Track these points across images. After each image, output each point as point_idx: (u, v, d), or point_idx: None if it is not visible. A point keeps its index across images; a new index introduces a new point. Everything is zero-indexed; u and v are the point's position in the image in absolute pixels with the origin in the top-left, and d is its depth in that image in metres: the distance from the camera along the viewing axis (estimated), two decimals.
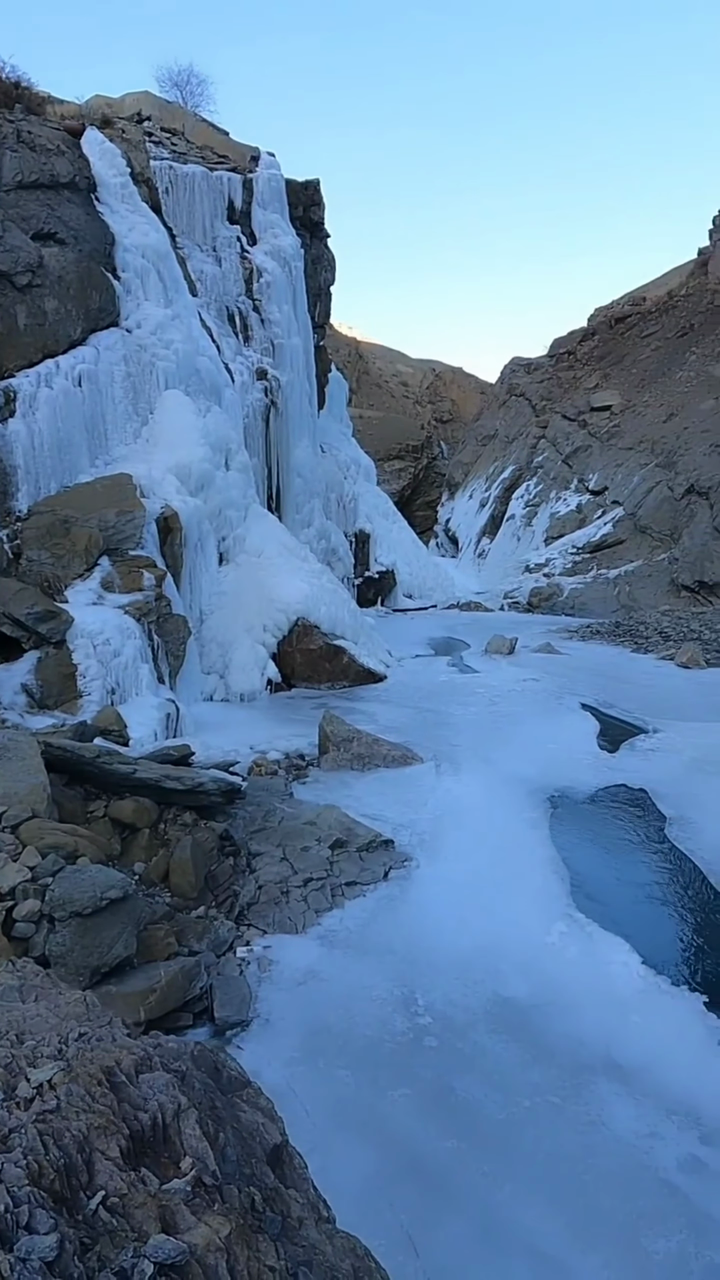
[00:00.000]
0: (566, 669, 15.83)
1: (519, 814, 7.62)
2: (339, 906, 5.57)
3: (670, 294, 44.11)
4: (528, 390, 46.13)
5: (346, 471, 25.16)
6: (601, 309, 50.12)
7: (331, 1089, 3.76)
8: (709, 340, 36.33)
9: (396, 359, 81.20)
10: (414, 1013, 4.37)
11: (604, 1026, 4.28)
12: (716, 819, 7.39)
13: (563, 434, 39.75)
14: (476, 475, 46.56)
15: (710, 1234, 3.02)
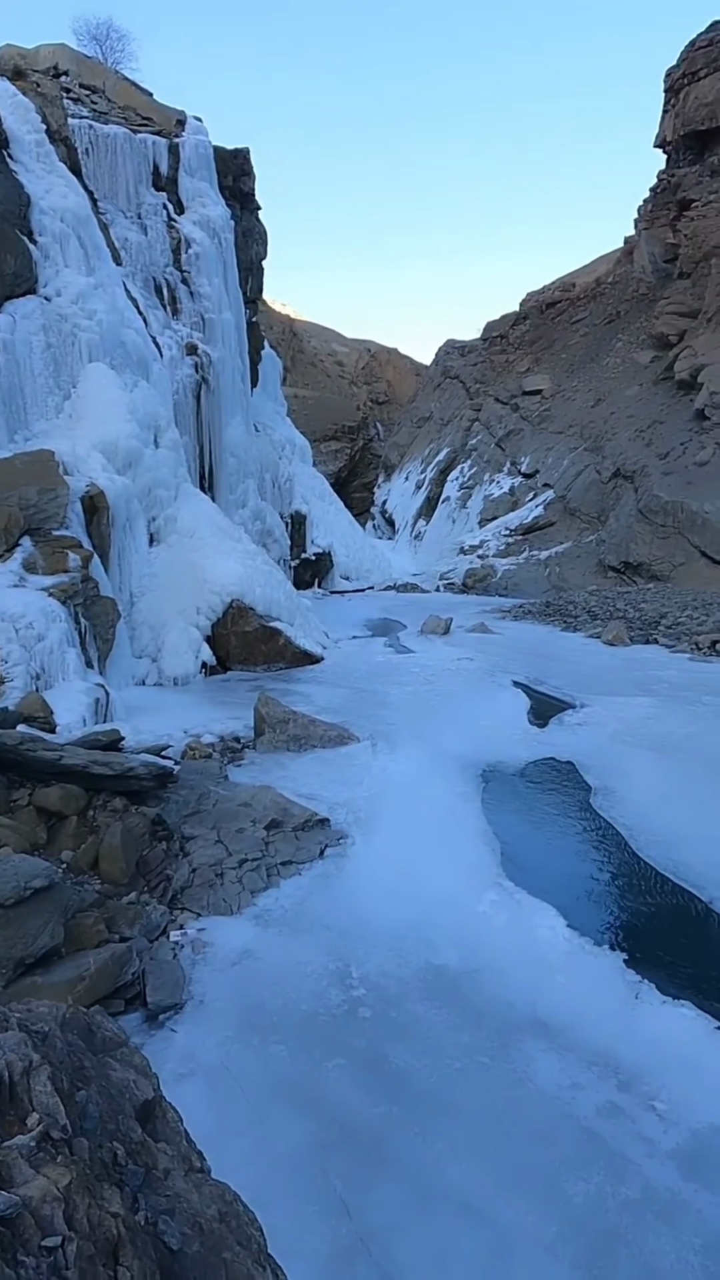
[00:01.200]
0: (499, 648, 16.21)
1: (452, 789, 7.79)
2: (274, 886, 5.57)
3: (598, 281, 45.13)
4: (462, 373, 46.52)
5: (281, 452, 24.82)
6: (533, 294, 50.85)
7: (267, 1064, 3.78)
8: (634, 328, 37.42)
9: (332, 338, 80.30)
10: (348, 985, 4.44)
11: (531, 988, 4.45)
12: (637, 788, 7.75)
13: (496, 417, 40.33)
14: (412, 457, 46.79)
15: (626, 1173, 3.21)
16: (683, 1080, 3.77)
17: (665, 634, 16.90)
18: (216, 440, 18.51)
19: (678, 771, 8.13)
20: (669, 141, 38.82)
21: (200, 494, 15.50)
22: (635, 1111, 3.56)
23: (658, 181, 39.40)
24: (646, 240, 39.39)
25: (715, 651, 14.95)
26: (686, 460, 26.04)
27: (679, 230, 35.41)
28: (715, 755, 8.65)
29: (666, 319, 34.01)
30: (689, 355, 29.99)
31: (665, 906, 5.71)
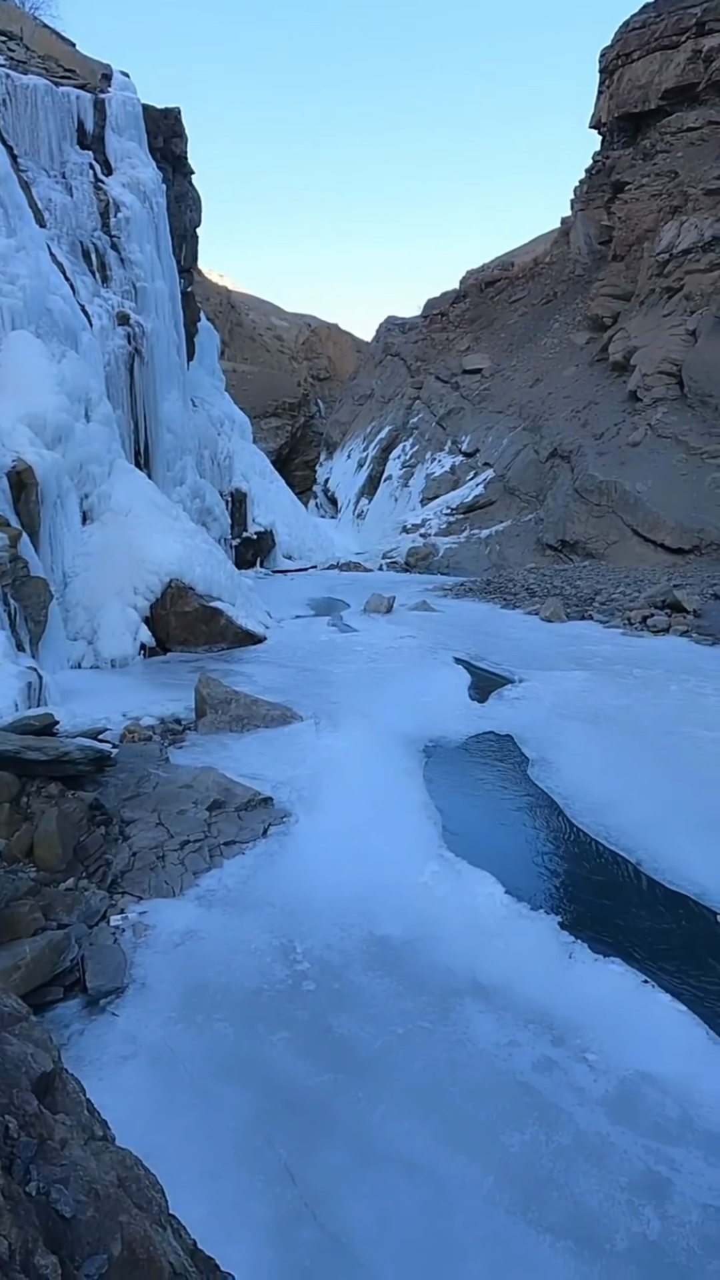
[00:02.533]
0: (441, 625, 16.42)
1: (395, 764, 7.89)
2: (217, 866, 5.54)
3: (536, 261, 45.53)
4: (403, 350, 46.37)
5: (220, 428, 24.28)
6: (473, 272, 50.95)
7: (211, 1041, 3.79)
8: (571, 309, 37.99)
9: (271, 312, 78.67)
10: (292, 960, 4.47)
11: (470, 954, 4.58)
12: (572, 758, 8.02)
13: (437, 395, 40.45)
14: (354, 435, 46.54)
15: (559, 1122, 3.37)
16: (612, 1032, 3.97)
17: (600, 610, 17.45)
18: (152, 415, 17.94)
19: (610, 742, 8.45)
20: (603, 123, 39.28)
21: (136, 470, 15.03)
22: (568, 1064, 3.73)
23: (593, 163, 39.88)
24: (582, 222, 39.93)
25: (646, 626, 15.53)
26: (620, 441, 26.76)
27: (613, 213, 36.00)
28: (645, 725, 9.02)
29: (601, 301, 34.66)
30: (622, 338, 30.68)
31: (597, 870, 5.96)
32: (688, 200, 30.16)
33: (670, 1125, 3.38)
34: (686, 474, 23.66)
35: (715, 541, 21.40)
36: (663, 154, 33.73)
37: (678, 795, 6.90)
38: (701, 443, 24.08)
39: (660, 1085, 3.60)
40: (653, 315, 29.77)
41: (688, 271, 28.37)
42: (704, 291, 27.22)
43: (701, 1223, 2.92)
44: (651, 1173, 3.14)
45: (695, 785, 7.07)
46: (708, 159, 31.29)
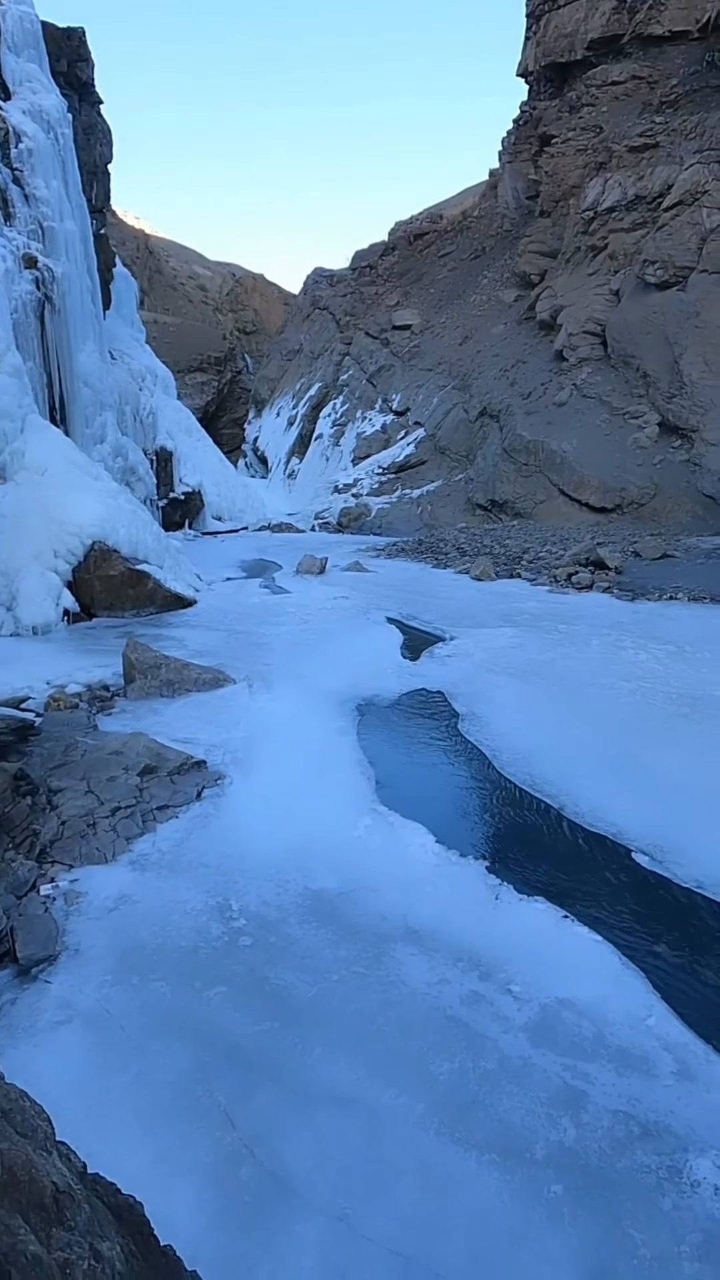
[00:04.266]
0: (374, 585, 16.50)
1: (329, 724, 7.96)
2: (150, 831, 5.51)
3: (465, 214, 44.91)
4: (331, 304, 45.22)
5: (142, 382, 23.21)
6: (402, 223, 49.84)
7: (148, 1001, 3.82)
8: (499, 265, 37.81)
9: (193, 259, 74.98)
10: (229, 918, 4.53)
11: (402, 901, 4.75)
12: (500, 711, 8.29)
13: (366, 352, 39.79)
14: (283, 392, 45.42)
15: (484, 1049, 3.58)
16: (535, 964, 4.22)
17: (527, 568, 17.89)
18: (66, 367, 16.95)
19: (536, 695, 8.77)
20: (530, 72, 38.65)
21: (51, 427, 14.25)
22: (494, 996, 3.95)
23: (520, 114, 39.33)
24: (510, 175, 39.52)
25: (571, 583, 16.05)
26: (547, 400, 27.11)
27: (540, 167, 35.73)
28: (568, 678, 9.40)
29: (528, 258, 34.61)
30: (549, 296, 30.83)
31: (522, 816, 6.25)
32: (612, 157, 30.23)
33: (586, 1044, 3.65)
34: (610, 434, 24.27)
35: (636, 500, 22.16)
36: (588, 107, 33.57)
37: (596, 743, 7.26)
38: (624, 403, 24.68)
39: (577, 1009, 3.87)
40: (578, 274, 29.99)
41: (611, 230, 28.60)
42: (627, 251, 27.55)
43: (611, 1127, 3.18)
44: (568, 1087, 3.39)
45: (612, 733, 7.44)
46: (631, 115, 31.35)
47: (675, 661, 10.17)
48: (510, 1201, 2.86)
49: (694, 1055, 3.61)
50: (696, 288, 23.31)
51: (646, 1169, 3.00)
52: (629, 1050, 3.61)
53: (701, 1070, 3.52)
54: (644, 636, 11.49)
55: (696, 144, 25.96)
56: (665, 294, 24.39)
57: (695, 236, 23.90)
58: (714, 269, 22.90)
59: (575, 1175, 2.96)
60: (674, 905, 4.95)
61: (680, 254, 24.08)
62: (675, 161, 26.44)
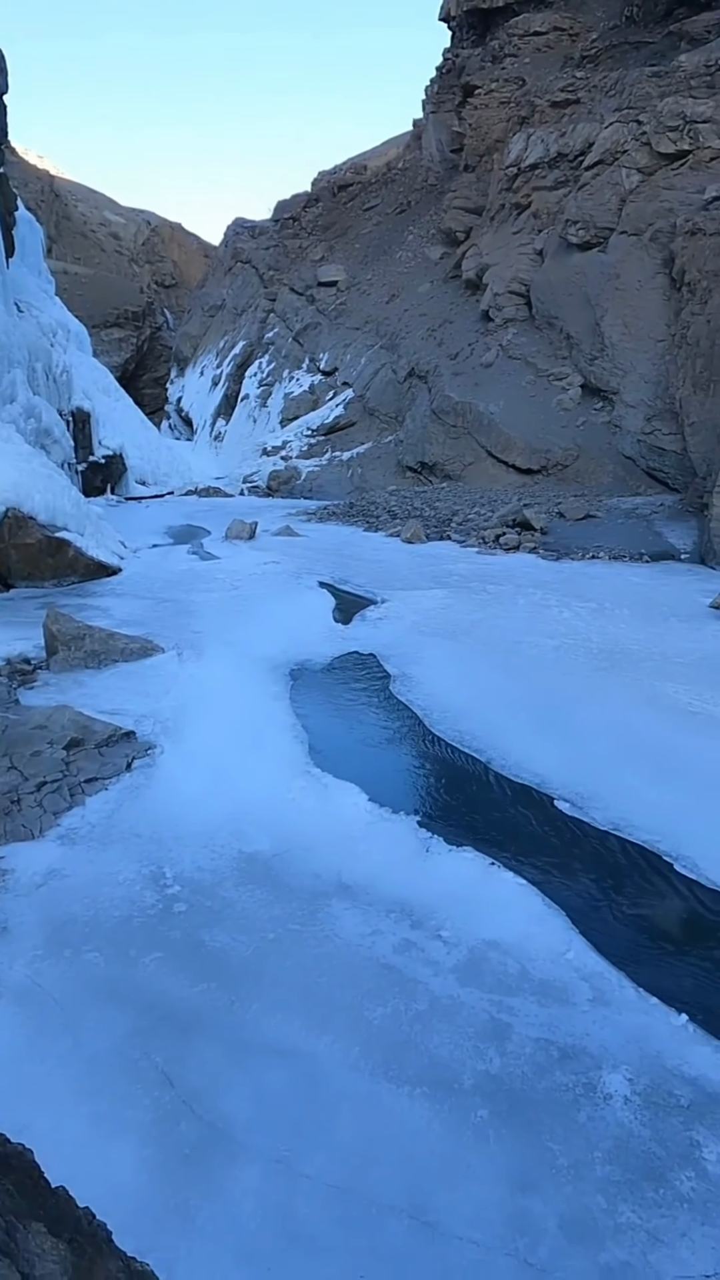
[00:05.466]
0: (305, 550, 16.38)
1: (262, 690, 7.95)
2: (79, 805, 5.40)
3: (389, 165, 43.88)
4: (254, 257, 43.64)
5: (54, 337, 21.87)
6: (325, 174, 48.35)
7: (81, 972, 3.79)
8: (424, 221, 37.23)
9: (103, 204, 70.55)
10: (163, 885, 4.52)
11: (336, 859, 4.85)
12: (430, 670, 8.47)
13: (292, 309, 38.73)
14: (206, 350, 43.82)
15: (416, 992, 3.74)
16: (464, 910, 4.41)
17: (457, 530, 18.12)
18: None
19: (465, 654, 8.98)
20: (453, 16, 37.67)
21: None
22: (425, 943, 4.11)
23: (443, 61, 38.39)
24: (433, 126, 38.72)
25: (499, 545, 16.37)
26: (474, 361, 27.15)
27: (464, 119, 35.12)
28: (496, 637, 9.66)
29: (454, 214, 34.20)
30: (474, 254, 30.63)
31: (452, 771, 6.45)
32: (534, 111, 29.96)
33: (510, 980, 3.87)
34: (535, 396, 24.57)
35: (560, 462, 22.64)
36: (510, 58, 33.04)
37: (522, 698, 7.53)
38: (548, 365, 24.98)
39: (503, 949, 4.08)
40: (503, 232, 29.86)
41: (535, 188, 28.51)
42: (550, 210, 27.56)
43: (534, 1053, 3.41)
44: (494, 1021, 3.59)
45: (537, 689, 7.73)
46: (553, 68, 31.07)
47: (596, 618, 10.59)
48: (440, 1129, 3.03)
49: (608, 982, 3.88)
50: (616, 249, 23.61)
51: (564, 1088, 3.23)
52: (550, 982, 3.85)
53: (615, 995, 3.79)
54: (568, 595, 11.90)
55: (616, 101, 26.00)
56: (587, 255, 24.61)
57: (615, 197, 24.11)
58: (633, 231, 23.21)
59: (500, 1099, 3.16)
60: (592, 847, 5.25)
61: (601, 214, 24.27)
62: (596, 119, 26.44)
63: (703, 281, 18.84)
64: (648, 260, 22.29)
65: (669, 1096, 3.19)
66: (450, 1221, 2.67)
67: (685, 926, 4.51)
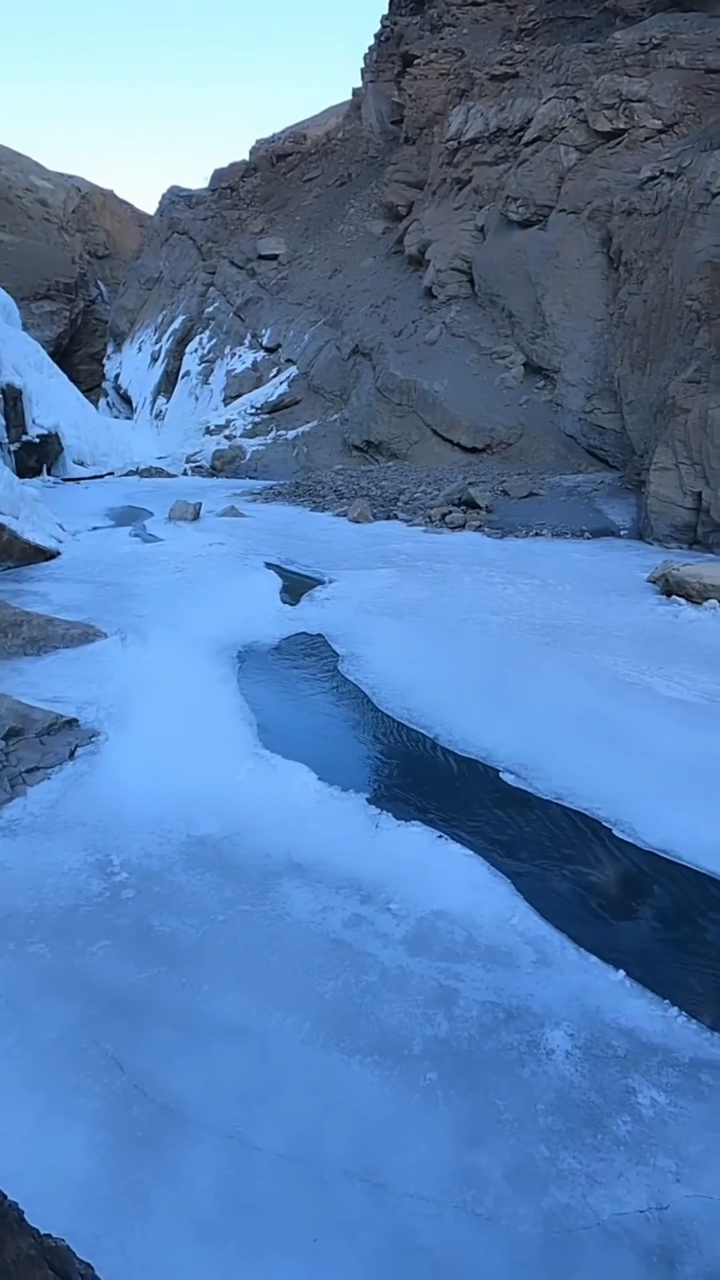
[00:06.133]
0: (251, 530, 16.17)
1: (208, 673, 7.86)
2: (20, 795, 5.27)
3: (329, 136, 43.00)
4: (191, 228, 42.28)
5: None
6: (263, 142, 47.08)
7: (25, 965, 3.73)
8: (366, 194, 36.69)
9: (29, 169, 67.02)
10: (110, 873, 4.47)
11: (286, 838, 4.87)
12: (378, 650, 8.51)
13: (232, 282, 37.76)
14: (144, 325, 42.42)
15: (366, 965, 3.81)
16: (412, 883, 4.50)
17: (403, 509, 18.16)
18: None
19: (412, 633, 9.06)
20: None
21: None
22: (374, 916, 4.19)
23: (382, 28, 37.65)
24: (373, 95, 38.03)
25: (445, 523, 16.48)
26: (418, 339, 27.06)
27: (403, 89, 34.58)
28: (443, 615, 9.76)
29: (395, 188, 33.79)
30: (417, 230, 30.39)
31: (401, 748, 6.53)
32: (474, 84, 29.72)
33: (458, 948, 3.98)
34: (479, 374, 24.68)
35: (504, 440, 22.87)
36: (449, 28, 32.63)
37: (469, 674, 7.65)
38: (491, 343, 25.10)
39: (450, 918, 4.19)
40: (444, 207, 29.68)
41: (475, 163, 28.38)
42: (490, 186, 27.50)
43: (480, 1015, 3.52)
44: (442, 988, 3.69)
45: (483, 664, 7.87)
46: (491, 40, 30.84)
47: (540, 595, 10.81)
48: (390, 1094, 3.12)
49: (551, 945, 4.03)
50: (556, 227, 23.77)
51: (509, 1047, 3.36)
52: (495, 948, 3.98)
53: (557, 956, 3.94)
54: (512, 572, 12.10)
55: (554, 77, 26.00)
56: (527, 232, 24.71)
57: (554, 175, 24.21)
58: (571, 209, 23.38)
59: (448, 1062, 3.26)
60: (536, 816, 5.42)
61: (540, 192, 24.36)
62: (534, 94, 26.41)
63: (639, 261, 19.17)
64: (586, 239, 22.53)
65: (607, 1048, 3.35)
66: (400, 1181, 2.76)
67: (623, 887, 4.71)
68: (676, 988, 3.78)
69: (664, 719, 6.51)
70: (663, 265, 17.98)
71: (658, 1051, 3.33)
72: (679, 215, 17.79)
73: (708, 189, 16.98)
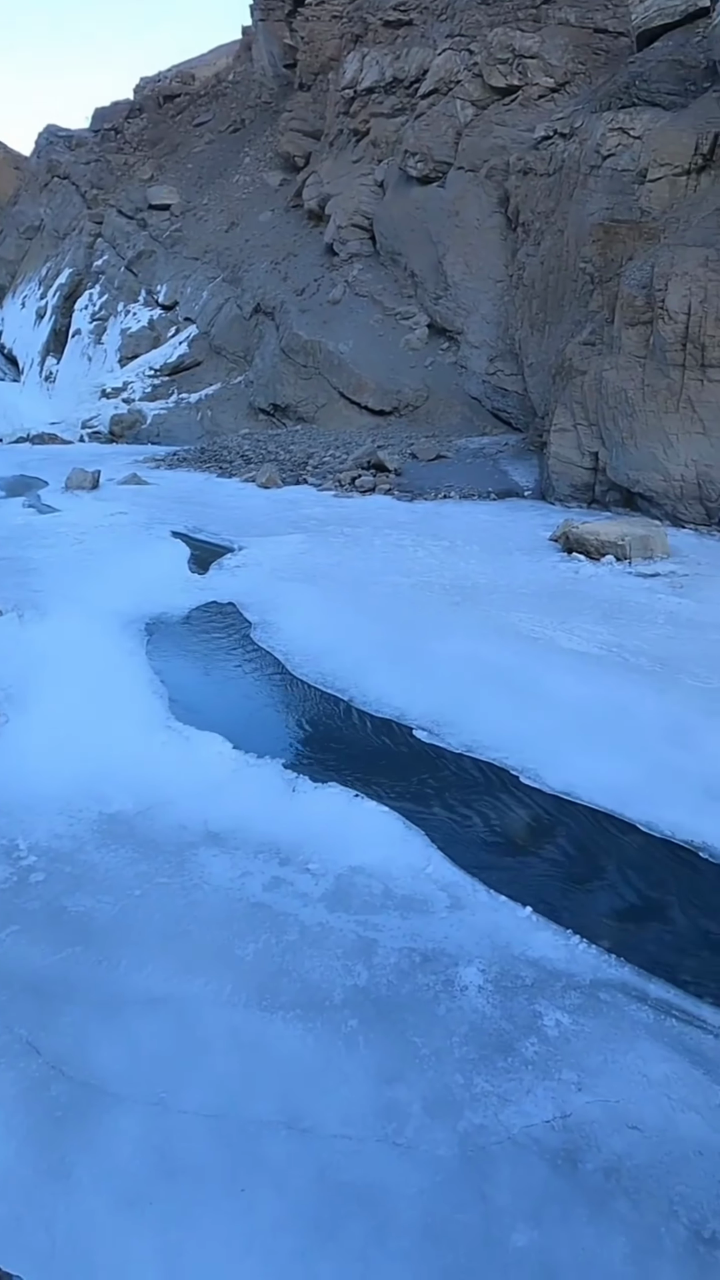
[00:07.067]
0: (155, 499, 15.60)
1: (115, 646, 7.60)
2: None
3: (219, 78, 40.85)
4: (73, 173, 39.39)
5: None
6: (149, 80, 44.29)
7: None
8: (260, 142, 35.19)
9: None
10: (16, 858, 4.30)
11: (202, 809, 4.83)
12: (290, 616, 8.47)
13: (121, 234, 35.58)
14: (27, 278, 39.46)
15: (287, 925, 3.87)
16: (330, 842, 4.57)
17: (313, 473, 17.95)
18: None
19: (324, 597, 9.05)
20: None
21: None
22: (293, 877, 4.24)
23: None
24: (264, 36, 36.23)
25: (355, 487, 16.44)
26: (321, 298, 26.47)
27: (295, 30, 33.11)
28: (355, 579, 9.79)
29: (291, 137, 32.56)
30: (315, 183, 29.47)
31: (316, 711, 6.57)
32: (368, 29, 28.78)
33: (375, 900, 4.09)
34: (384, 335, 24.47)
35: (411, 403, 22.89)
36: None
37: (381, 637, 7.74)
38: (395, 303, 24.88)
39: (368, 873, 4.30)
40: (342, 160, 28.88)
41: (373, 114, 27.67)
42: (388, 139, 26.94)
43: (398, 961, 3.66)
44: (362, 939, 3.80)
45: (394, 626, 7.97)
46: None
47: (449, 556, 11.02)
48: (313, 1044, 3.20)
49: (463, 889, 4.21)
50: (455, 185, 23.63)
51: (426, 988, 3.51)
52: (411, 897, 4.12)
53: (469, 899, 4.13)
54: (422, 535, 12.25)
55: (448, 27, 25.54)
56: (426, 189, 24.45)
57: (451, 130, 23.96)
58: (469, 166, 23.28)
59: (368, 1009, 3.38)
60: (449, 770, 5.60)
61: (438, 147, 24.08)
62: (429, 44, 25.89)
63: (535, 222, 19.39)
64: (485, 198, 22.54)
65: (516, 979, 3.56)
66: (324, 1124, 2.86)
67: (530, 830, 4.96)
68: (579, 917, 4.05)
69: (566, 671, 6.83)
70: (558, 227, 18.27)
71: (562, 977, 3.57)
72: (572, 177, 18.06)
73: (598, 151, 17.29)
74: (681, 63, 16.66)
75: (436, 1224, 2.52)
